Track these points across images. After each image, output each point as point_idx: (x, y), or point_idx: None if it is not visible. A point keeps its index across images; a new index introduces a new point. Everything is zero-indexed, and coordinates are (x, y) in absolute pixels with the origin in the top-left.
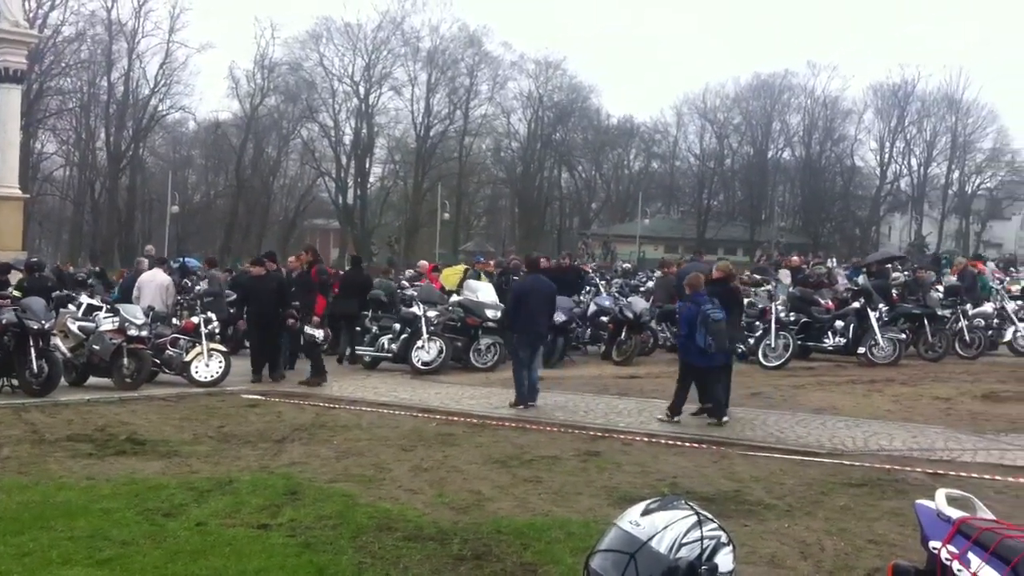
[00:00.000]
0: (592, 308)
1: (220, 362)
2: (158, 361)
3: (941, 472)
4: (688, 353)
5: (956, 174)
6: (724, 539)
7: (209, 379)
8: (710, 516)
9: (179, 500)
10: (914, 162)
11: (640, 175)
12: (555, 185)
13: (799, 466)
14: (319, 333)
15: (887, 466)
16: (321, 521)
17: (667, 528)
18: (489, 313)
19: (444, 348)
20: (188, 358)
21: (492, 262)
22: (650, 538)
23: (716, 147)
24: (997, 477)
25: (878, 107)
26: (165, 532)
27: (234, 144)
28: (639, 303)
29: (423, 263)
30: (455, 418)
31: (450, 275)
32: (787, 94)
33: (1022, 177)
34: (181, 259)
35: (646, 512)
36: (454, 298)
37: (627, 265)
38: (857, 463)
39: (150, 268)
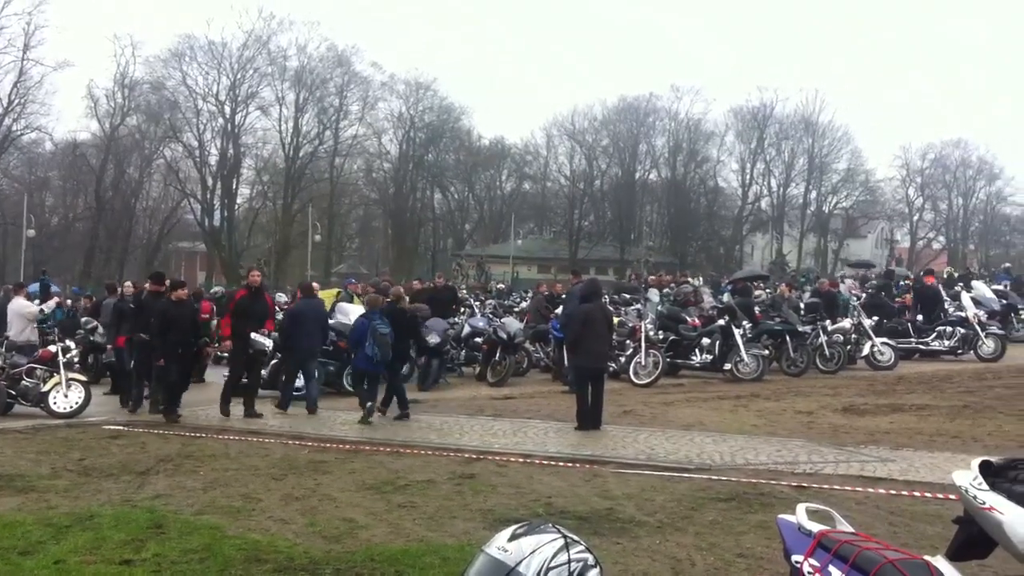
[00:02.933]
0: (466, 329)
1: (80, 392)
2: (13, 392)
3: (805, 485)
4: (359, 360)
5: (814, 194)
6: (591, 561)
7: (68, 410)
8: (577, 539)
9: (36, 537)
10: (774, 183)
11: (512, 196)
12: (428, 206)
13: (669, 482)
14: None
15: (753, 480)
16: (187, 555)
17: (535, 553)
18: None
19: (316, 373)
20: (45, 388)
21: (361, 285)
22: (518, 563)
23: (586, 168)
24: (857, 488)
25: (739, 130)
26: (22, 571)
27: (93, 165)
28: (513, 324)
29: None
30: (328, 444)
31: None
32: (652, 116)
33: (875, 197)
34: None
35: (513, 537)
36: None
37: (501, 286)
38: (725, 478)
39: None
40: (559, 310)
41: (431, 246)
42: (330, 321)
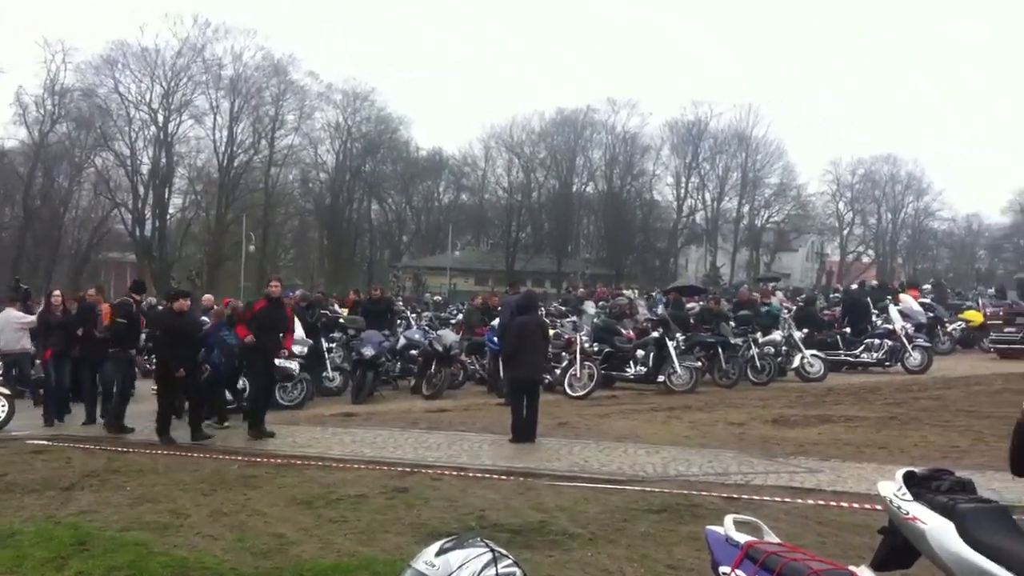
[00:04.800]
0: (402, 341)
1: (3, 405)
2: None
3: (735, 496)
4: (212, 365)
5: (747, 208)
6: (519, 574)
7: None
8: (505, 552)
9: None
10: (708, 196)
11: (450, 207)
12: (365, 217)
13: (603, 494)
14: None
15: (685, 491)
16: (112, 572)
17: (462, 567)
18: (296, 349)
19: (248, 386)
20: None
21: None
22: None
23: (524, 180)
24: (787, 499)
25: (674, 143)
26: None
27: (21, 173)
28: (449, 336)
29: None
30: (258, 459)
31: None
32: (589, 130)
33: (807, 211)
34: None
35: (441, 552)
36: None
37: (438, 298)
38: (657, 489)
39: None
40: (495, 322)
41: (368, 257)
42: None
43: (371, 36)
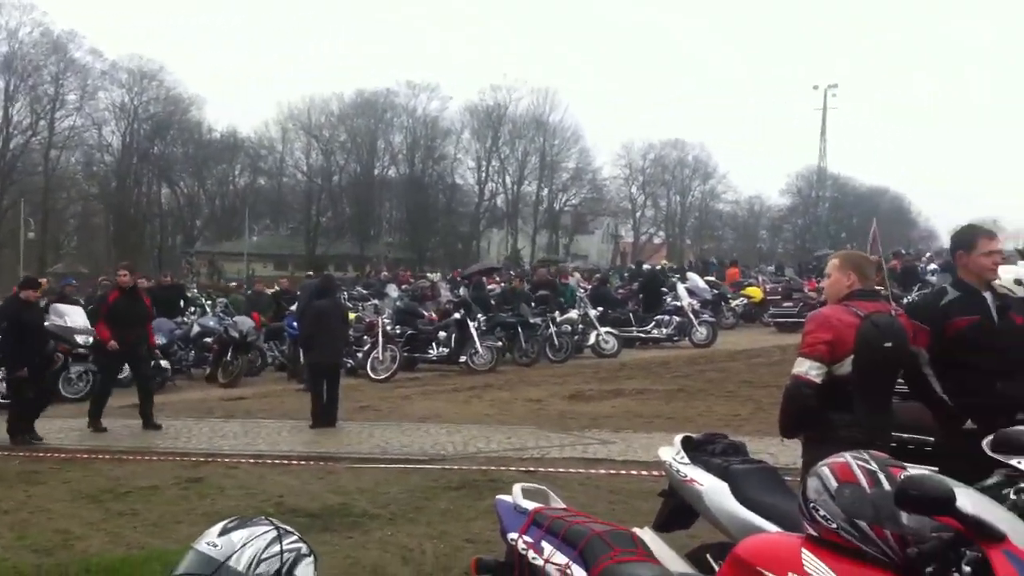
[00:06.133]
0: (196, 329)
1: None
2: None
3: (532, 469)
4: None
5: (545, 191)
6: (305, 551)
7: None
8: (291, 529)
9: None
10: (508, 180)
11: (246, 191)
12: (155, 201)
13: (403, 474)
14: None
15: (484, 467)
16: None
17: (246, 546)
18: (80, 339)
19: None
20: None
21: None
22: (228, 558)
23: (323, 163)
24: (580, 470)
25: (474, 128)
26: None
27: None
28: (246, 322)
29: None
30: (41, 454)
31: None
32: (390, 113)
33: (602, 194)
34: None
35: (224, 532)
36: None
37: (234, 284)
38: (457, 467)
39: None
40: (293, 307)
41: (158, 243)
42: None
43: (160, 10)
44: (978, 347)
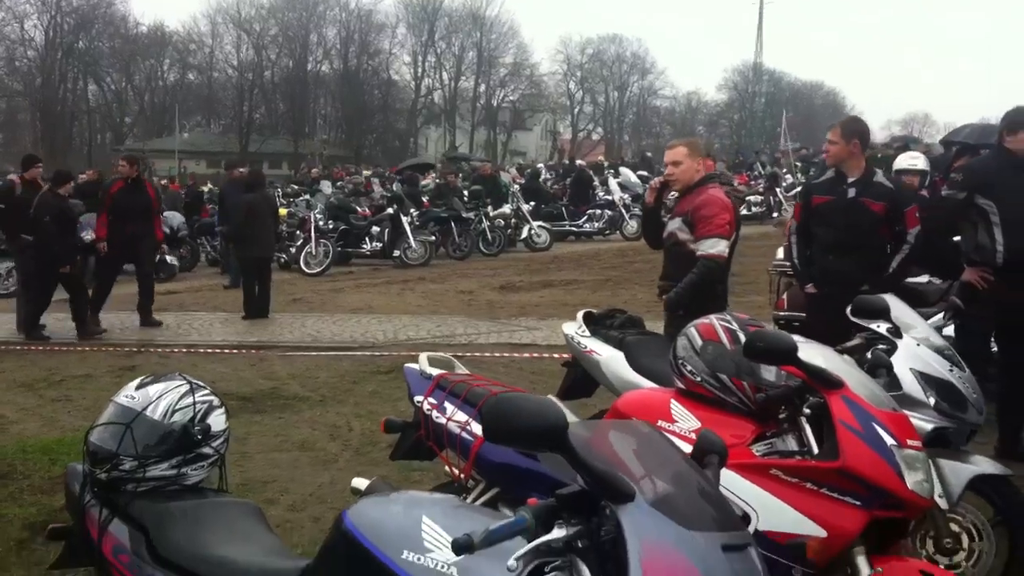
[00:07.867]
0: None
1: None
2: None
3: (460, 354)
4: None
5: (483, 87)
6: (216, 403)
7: None
8: (202, 384)
9: None
10: (445, 76)
11: (176, 87)
12: (82, 98)
13: (334, 361)
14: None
15: (413, 353)
16: None
17: (161, 398)
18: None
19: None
20: None
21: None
22: (144, 408)
23: (254, 59)
24: (505, 354)
25: (410, 22)
26: None
27: None
28: (176, 217)
29: None
30: None
31: None
32: (322, 6)
33: (540, 90)
34: None
35: (141, 386)
36: None
37: (164, 182)
38: (386, 353)
39: None
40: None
41: (87, 140)
42: None
43: None
44: (824, 223)
